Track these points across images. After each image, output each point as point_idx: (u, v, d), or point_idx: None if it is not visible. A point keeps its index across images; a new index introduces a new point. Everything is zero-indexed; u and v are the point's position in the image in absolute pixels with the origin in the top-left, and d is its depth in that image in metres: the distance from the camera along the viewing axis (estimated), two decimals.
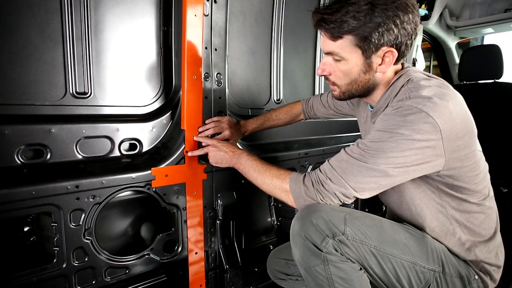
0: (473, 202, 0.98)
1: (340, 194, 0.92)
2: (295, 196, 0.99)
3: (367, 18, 0.86)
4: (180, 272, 1.33)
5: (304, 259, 0.92)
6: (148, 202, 1.29)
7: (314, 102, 1.51)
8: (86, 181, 1.06)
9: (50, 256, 1.05)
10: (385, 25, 0.86)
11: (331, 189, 0.93)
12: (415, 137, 0.83)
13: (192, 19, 1.20)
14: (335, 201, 0.95)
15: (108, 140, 1.17)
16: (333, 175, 0.93)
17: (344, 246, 0.90)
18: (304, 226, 0.92)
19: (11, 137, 0.98)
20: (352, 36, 0.89)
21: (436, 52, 3.11)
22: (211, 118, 1.32)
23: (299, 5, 1.76)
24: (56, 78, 1.07)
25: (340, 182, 0.91)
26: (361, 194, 0.92)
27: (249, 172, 1.10)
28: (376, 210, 2.33)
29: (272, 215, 1.84)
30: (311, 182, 0.96)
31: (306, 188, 0.97)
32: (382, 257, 0.92)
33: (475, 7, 2.70)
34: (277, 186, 1.03)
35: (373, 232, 0.93)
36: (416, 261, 0.94)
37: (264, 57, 1.66)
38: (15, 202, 0.94)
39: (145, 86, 1.27)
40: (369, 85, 0.99)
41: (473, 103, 0.98)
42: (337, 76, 0.99)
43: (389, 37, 0.88)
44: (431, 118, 0.82)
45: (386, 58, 0.92)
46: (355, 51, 0.91)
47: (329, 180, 0.93)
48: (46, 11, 1.03)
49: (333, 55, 0.95)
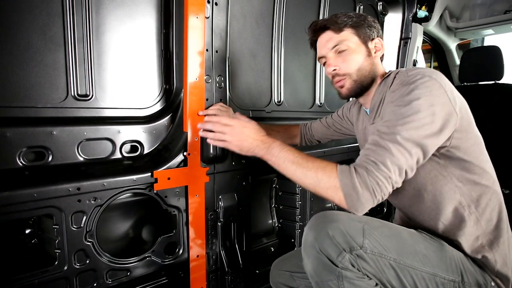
0: (484, 184, 0.97)
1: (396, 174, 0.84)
2: (346, 193, 0.86)
3: (357, 17, 1.09)
4: (181, 274, 1.33)
5: (316, 272, 0.88)
6: (149, 204, 1.29)
7: (313, 125, 1.54)
8: (88, 183, 1.06)
9: (51, 259, 1.05)
10: (371, 23, 1.11)
11: (387, 173, 0.84)
12: (432, 101, 0.87)
13: (194, 21, 1.21)
14: (389, 189, 0.86)
15: (110, 142, 1.17)
16: (379, 155, 0.85)
17: (361, 261, 0.85)
18: (319, 238, 0.87)
19: (13, 139, 0.98)
20: (350, 28, 1.08)
21: (436, 54, 3.11)
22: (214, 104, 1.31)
23: (299, 7, 1.77)
24: (57, 80, 1.07)
25: (391, 159, 0.84)
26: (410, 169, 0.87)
27: (284, 164, 0.95)
28: (377, 212, 2.33)
29: (273, 217, 1.84)
30: (365, 173, 0.85)
31: (360, 181, 0.85)
32: (401, 270, 0.88)
33: (475, 8, 2.71)
34: (323, 180, 0.89)
35: (392, 244, 0.89)
36: (436, 272, 0.90)
37: (265, 59, 1.66)
38: (16, 204, 0.94)
39: (147, 88, 1.27)
40: (373, 70, 1.10)
41: (473, 104, 0.99)
42: (347, 66, 1.08)
43: (375, 32, 1.11)
44: (433, 79, 0.90)
45: (377, 46, 1.11)
46: (355, 39, 1.08)
47: (381, 164, 0.84)
48: (47, 14, 1.03)
49: (339, 46, 1.08)
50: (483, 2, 2.65)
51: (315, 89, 1.95)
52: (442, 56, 3.09)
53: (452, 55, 3.05)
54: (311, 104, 1.95)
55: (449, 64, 3.11)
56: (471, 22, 2.70)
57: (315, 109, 1.95)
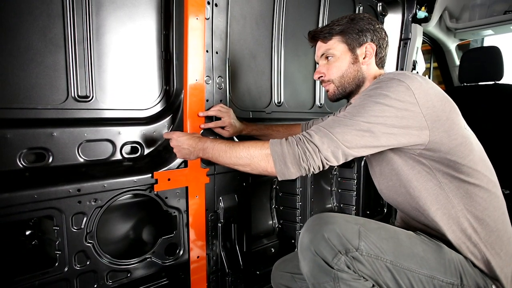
0: (474, 183, 0.96)
1: (327, 150, 0.90)
2: (276, 158, 0.93)
3: (348, 24, 1.11)
4: (182, 275, 1.33)
5: (313, 274, 0.89)
6: (149, 205, 1.29)
7: (314, 123, 1.54)
8: (88, 185, 1.06)
9: (51, 260, 1.05)
10: (363, 27, 1.10)
11: (316, 145, 0.90)
12: (392, 96, 0.90)
13: (194, 22, 1.21)
14: (316, 162, 0.91)
15: (110, 144, 1.17)
16: (319, 130, 0.93)
17: (357, 263, 0.85)
18: (315, 240, 0.87)
19: (13, 140, 0.98)
20: (339, 36, 1.12)
21: (436, 54, 3.12)
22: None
23: (299, 8, 1.77)
24: (58, 81, 1.07)
25: (328, 136, 0.91)
26: (349, 149, 0.90)
27: (219, 156, 1.02)
28: (377, 213, 2.33)
29: (273, 218, 1.84)
30: (294, 142, 0.93)
31: (289, 147, 0.92)
32: (398, 272, 0.88)
33: (475, 9, 2.71)
34: (255, 155, 0.96)
35: (389, 246, 0.89)
36: (434, 275, 0.90)
37: (264, 60, 1.67)
38: (17, 205, 0.94)
39: (147, 89, 1.27)
40: (358, 76, 1.13)
41: (473, 104, 0.99)
42: (330, 72, 1.14)
43: (367, 36, 1.11)
44: (403, 82, 0.92)
45: (367, 52, 1.11)
46: (342, 46, 1.12)
47: (316, 136, 0.92)
48: (48, 15, 1.03)
49: (326, 54, 1.14)
50: (483, 2, 2.66)
51: (315, 90, 1.96)
52: (442, 56, 3.09)
53: (451, 56, 3.06)
54: (311, 105, 1.95)
55: (448, 64, 3.11)
56: (471, 22, 2.70)
57: (315, 110, 1.96)
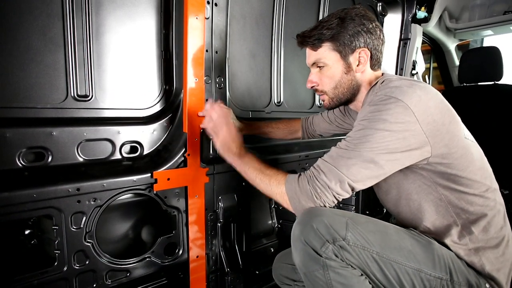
0: (473, 193, 0.96)
1: (336, 185, 0.92)
2: (290, 196, 0.98)
3: (338, 27, 1.04)
4: (181, 275, 1.33)
5: (304, 263, 0.92)
6: (149, 205, 1.29)
7: (315, 119, 1.54)
8: (87, 184, 1.06)
9: (51, 259, 1.05)
10: (354, 30, 1.03)
11: (325, 182, 0.92)
12: (391, 120, 0.89)
13: (193, 22, 1.21)
14: (329, 197, 0.93)
15: (109, 143, 1.17)
16: (325, 166, 0.94)
17: (344, 252, 0.88)
18: (304, 231, 0.91)
19: (13, 140, 0.98)
20: (329, 43, 1.05)
21: (436, 54, 3.12)
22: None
23: (299, 8, 1.77)
24: (57, 81, 1.07)
25: (334, 172, 0.92)
26: (355, 183, 0.92)
27: (249, 170, 1.08)
28: (377, 213, 2.33)
29: (273, 218, 1.84)
30: (306, 180, 0.96)
31: (301, 186, 0.96)
32: (384, 264, 0.90)
33: (475, 9, 2.71)
34: (273, 188, 1.02)
35: (376, 238, 0.91)
36: (422, 268, 0.92)
37: (264, 59, 1.67)
38: (16, 205, 0.94)
39: (146, 88, 1.27)
40: (352, 86, 1.09)
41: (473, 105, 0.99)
42: (323, 83, 1.11)
43: (360, 40, 1.04)
44: (400, 101, 0.90)
45: (361, 58, 1.06)
46: (334, 54, 1.06)
47: (323, 173, 0.93)
48: (47, 15, 1.03)
49: (317, 63, 1.09)
50: (482, 3, 2.66)
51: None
52: (442, 56, 3.09)
53: (451, 56, 3.06)
54: (311, 105, 1.95)
55: (448, 64, 3.11)
56: (471, 23, 2.71)
57: (315, 109, 1.96)
